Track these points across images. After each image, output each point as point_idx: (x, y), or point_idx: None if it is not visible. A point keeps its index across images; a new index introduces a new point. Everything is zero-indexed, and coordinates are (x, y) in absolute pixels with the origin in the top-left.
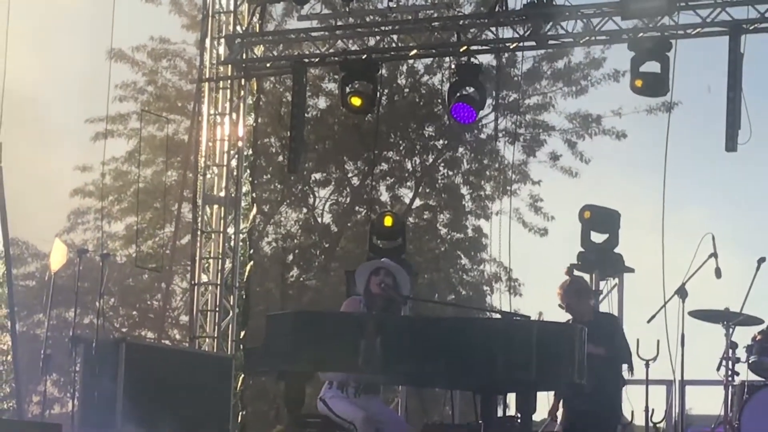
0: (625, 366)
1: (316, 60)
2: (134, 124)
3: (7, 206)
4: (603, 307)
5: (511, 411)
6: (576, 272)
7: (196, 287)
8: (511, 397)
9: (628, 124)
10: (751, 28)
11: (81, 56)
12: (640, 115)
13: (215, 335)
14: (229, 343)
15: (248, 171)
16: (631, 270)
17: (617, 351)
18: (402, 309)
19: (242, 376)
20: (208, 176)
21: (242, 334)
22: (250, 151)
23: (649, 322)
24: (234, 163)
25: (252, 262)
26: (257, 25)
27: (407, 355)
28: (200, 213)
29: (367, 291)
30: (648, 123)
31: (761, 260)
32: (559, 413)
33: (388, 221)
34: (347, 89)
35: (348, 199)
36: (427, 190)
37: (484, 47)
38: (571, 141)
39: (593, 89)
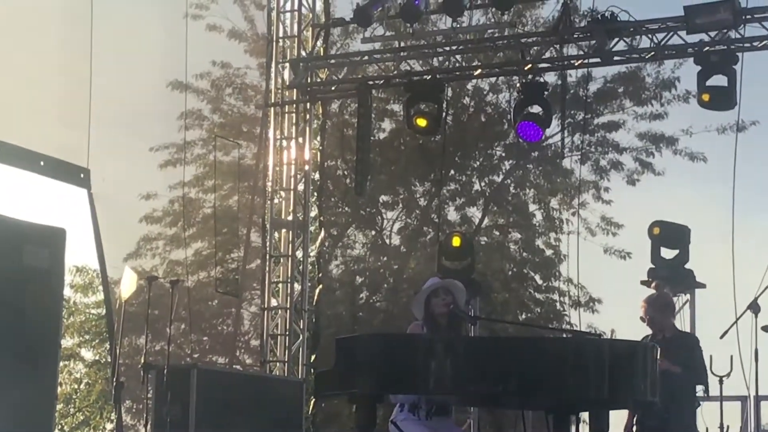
0: (700, 387)
1: (381, 82)
2: (198, 150)
3: None
4: (676, 324)
5: (584, 430)
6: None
7: (266, 311)
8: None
9: (698, 138)
10: None
11: (147, 85)
12: (711, 133)
13: (286, 359)
14: (300, 366)
15: (315, 194)
16: (703, 285)
17: (693, 370)
18: (470, 329)
19: (313, 399)
20: (276, 200)
21: (313, 357)
22: (317, 175)
23: (721, 337)
24: (301, 186)
25: (321, 286)
26: (321, 49)
27: (478, 375)
28: (269, 237)
29: (429, 316)
30: (719, 137)
31: None
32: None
33: (456, 241)
34: (412, 110)
35: (416, 221)
36: (496, 209)
37: (548, 65)
38: (643, 161)
39: (664, 109)
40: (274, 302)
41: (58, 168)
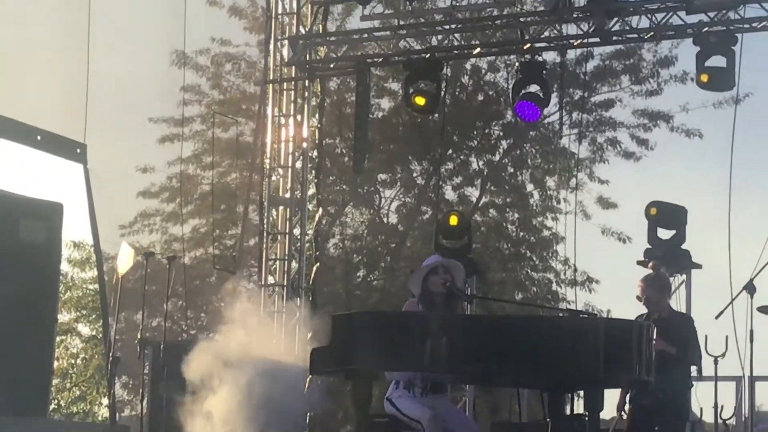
0: (694, 368)
1: (380, 60)
2: (197, 126)
3: None
4: (671, 304)
5: (579, 409)
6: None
7: (263, 288)
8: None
9: (694, 116)
10: None
11: (146, 60)
12: (707, 109)
13: (282, 337)
14: (296, 344)
15: (313, 172)
16: (699, 266)
17: (687, 350)
18: (467, 307)
19: (309, 377)
20: (274, 178)
21: (309, 335)
22: (315, 153)
23: (717, 318)
24: (299, 164)
25: (318, 264)
26: (320, 26)
27: (473, 354)
28: (266, 215)
29: (426, 293)
30: (715, 116)
31: None
32: (626, 407)
33: (453, 220)
34: (411, 89)
35: (414, 200)
36: (494, 188)
37: (547, 44)
38: (639, 138)
39: (660, 87)
40: (271, 279)
41: (55, 142)
